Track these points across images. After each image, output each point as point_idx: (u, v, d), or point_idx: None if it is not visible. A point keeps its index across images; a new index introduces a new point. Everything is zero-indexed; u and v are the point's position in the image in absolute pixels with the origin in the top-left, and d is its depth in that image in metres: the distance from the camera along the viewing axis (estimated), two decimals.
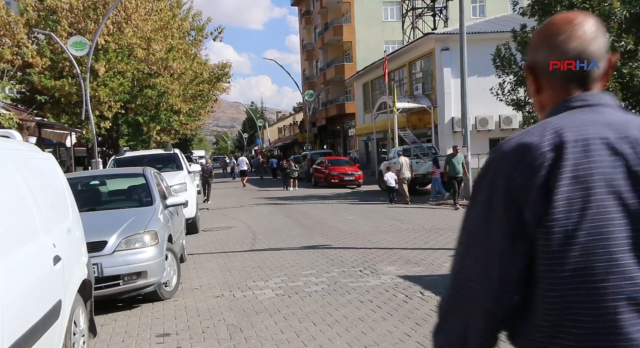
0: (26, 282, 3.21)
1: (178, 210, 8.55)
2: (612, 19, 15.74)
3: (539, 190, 1.13)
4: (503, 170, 1.18)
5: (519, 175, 1.15)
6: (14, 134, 4.21)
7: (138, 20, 21.66)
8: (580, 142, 1.16)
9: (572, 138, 1.16)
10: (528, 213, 1.14)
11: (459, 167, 15.69)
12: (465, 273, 1.23)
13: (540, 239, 1.13)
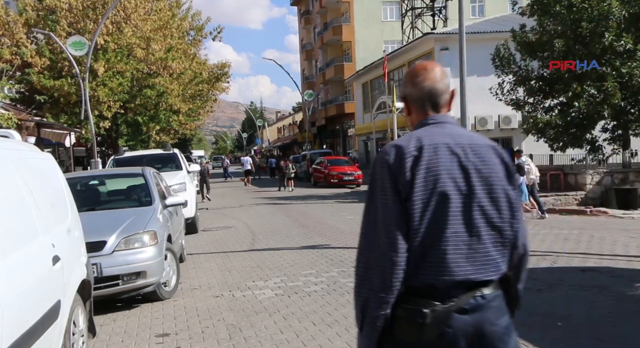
0: (25, 282, 3.21)
1: (177, 210, 8.55)
2: (611, 19, 15.74)
3: (407, 175, 1.79)
4: (387, 163, 1.82)
5: (396, 164, 1.81)
6: (13, 133, 4.20)
7: (137, 20, 21.64)
8: (432, 146, 1.83)
9: (427, 143, 1.83)
10: (402, 191, 1.79)
11: None
12: (376, 233, 1.82)
13: (408, 206, 1.78)
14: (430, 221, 1.78)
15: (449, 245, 1.79)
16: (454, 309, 1.78)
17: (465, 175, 1.82)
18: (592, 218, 13.25)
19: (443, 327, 1.77)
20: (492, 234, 1.84)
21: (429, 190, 1.79)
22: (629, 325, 4.91)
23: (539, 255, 8.27)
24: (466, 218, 1.81)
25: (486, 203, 1.83)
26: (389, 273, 1.79)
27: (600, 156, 18.27)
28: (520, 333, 4.80)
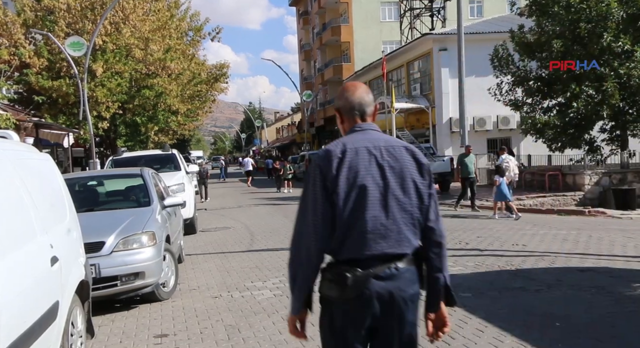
0: (24, 283, 3.21)
1: (176, 210, 8.54)
2: (609, 20, 15.77)
3: (333, 173, 2.22)
4: (319, 163, 2.26)
5: (325, 165, 2.24)
6: (11, 134, 4.20)
7: (136, 21, 21.62)
8: (354, 149, 2.27)
9: (350, 147, 2.26)
10: (328, 185, 2.22)
11: (472, 167, 15.05)
12: (306, 219, 2.26)
13: (334, 197, 2.21)
14: (352, 208, 2.23)
15: (368, 226, 2.23)
16: (372, 275, 2.23)
17: (381, 171, 2.28)
18: (590, 218, 13.27)
19: (362, 289, 2.22)
20: (404, 217, 2.28)
21: (350, 184, 2.24)
22: (627, 326, 4.92)
23: (537, 255, 8.28)
24: (383, 205, 2.26)
25: (399, 192, 2.28)
26: (315, 251, 2.25)
27: (598, 156, 18.30)
28: (518, 334, 4.82)
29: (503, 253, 8.55)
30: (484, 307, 5.60)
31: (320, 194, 2.24)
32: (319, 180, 2.25)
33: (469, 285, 6.59)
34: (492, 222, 12.42)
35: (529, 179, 19.81)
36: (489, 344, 4.55)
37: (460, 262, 7.97)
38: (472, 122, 26.38)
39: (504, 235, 10.40)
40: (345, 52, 48.27)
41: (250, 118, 78.76)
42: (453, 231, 11.12)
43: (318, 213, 2.23)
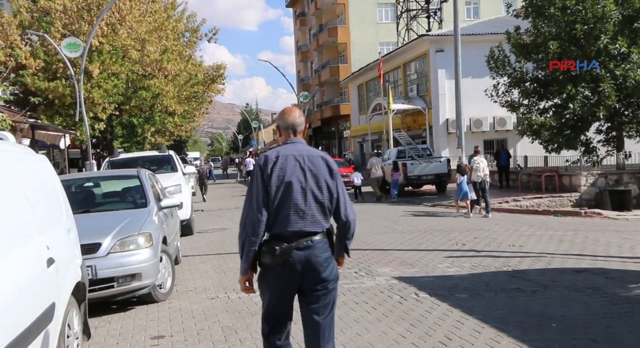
0: (19, 285, 3.20)
1: (173, 211, 8.53)
2: (606, 21, 15.82)
3: (268, 172, 3.09)
4: (259, 164, 3.13)
5: (263, 166, 3.11)
6: (7, 135, 4.19)
7: (132, 22, 21.57)
8: (284, 156, 3.12)
9: (282, 154, 3.11)
10: (265, 180, 3.09)
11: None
12: (252, 204, 3.11)
13: (269, 189, 3.07)
14: (280, 197, 3.12)
15: (290, 211, 3.12)
16: (294, 247, 3.12)
17: (303, 173, 3.17)
18: (586, 219, 13.31)
19: (287, 257, 3.11)
20: (317, 206, 3.19)
21: (280, 180, 3.13)
22: (623, 326, 4.94)
23: (534, 256, 8.30)
24: (303, 196, 3.14)
25: (314, 188, 3.18)
26: (257, 226, 3.10)
27: (594, 157, 18.35)
28: (515, 335, 4.84)
29: (500, 254, 8.57)
30: (481, 308, 5.62)
31: (260, 187, 3.15)
32: (259, 177, 3.17)
33: (465, 286, 6.60)
34: (489, 223, 12.44)
35: (526, 180, 19.85)
36: (486, 345, 4.56)
37: (457, 263, 7.98)
38: (468, 123, 26.42)
39: (500, 236, 10.42)
40: (342, 53, 48.31)
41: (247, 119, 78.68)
42: (450, 232, 11.14)
43: (260, 200, 3.13)
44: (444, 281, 6.91)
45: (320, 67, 51.07)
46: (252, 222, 3.11)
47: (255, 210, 3.11)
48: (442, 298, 6.07)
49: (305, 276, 3.17)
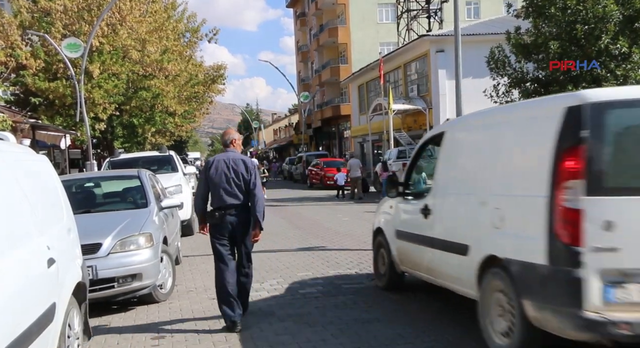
0: (19, 285, 3.20)
1: (173, 212, 8.53)
2: (607, 21, 15.81)
3: (207, 171, 5.42)
4: (205, 165, 5.54)
5: (205, 166, 5.53)
6: (8, 136, 4.19)
7: (132, 22, 21.57)
8: (218, 160, 5.43)
9: (217, 159, 5.45)
10: (206, 176, 5.43)
11: None
12: (199, 190, 5.56)
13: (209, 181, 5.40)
14: (216, 184, 5.30)
15: (222, 192, 5.28)
16: (226, 213, 5.28)
17: (229, 169, 5.28)
18: None
19: (222, 219, 5.29)
20: (238, 188, 5.28)
21: (215, 175, 5.31)
22: None
23: None
24: (228, 183, 5.27)
25: (235, 178, 5.27)
26: (198, 204, 5.53)
27: None
28: None
29: None
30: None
31: (204, 179, 5.45)
32: (203, 173, 5.47)
33: None
34: None
35: None
36: (486, 345, 4.56)
37: None
38: None
39: None
40: (342, 54, 48.30)
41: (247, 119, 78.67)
42: None
43: (201, 189, 5.49)
44: None
45: (321, 67, 51.06)
46: (196, 202, 5.60)
47: (201, 194, 5.50)
48: (442, 297, 6.06)
49: (234, 228, 5.36)
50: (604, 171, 3.61)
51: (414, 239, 5.77)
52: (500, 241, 4.23)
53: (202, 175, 5.56)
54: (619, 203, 3.57)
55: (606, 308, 3.49)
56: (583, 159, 3.58)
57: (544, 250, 3.72)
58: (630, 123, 3.75)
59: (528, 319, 3.85)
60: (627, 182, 3.66)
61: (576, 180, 3.59)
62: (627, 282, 3.51)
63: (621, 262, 3.53)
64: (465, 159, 5.15)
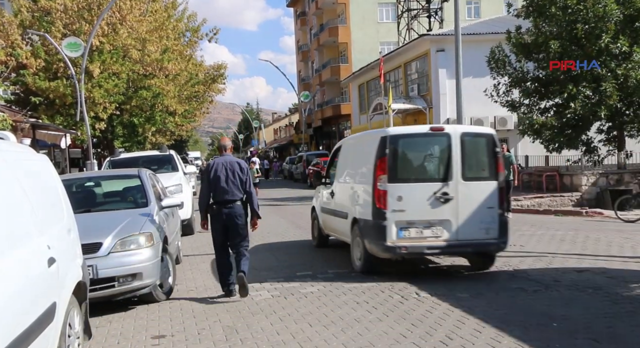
0: (20, 284, 3.20)
1: (174, 211, 8.53)
2: (607, 21, 15.80)
3: (209, 171, 6.53)
4: (207, 168, 6.69)
5: (206, 168, 6.71)
6: (8, 135, 4.19)
7: (133, 21, 21.55)
8: (217, 163, 6.54)
9: (216, 162, 6.57)
10: (207, 176, 6.54)
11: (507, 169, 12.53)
12: (202, 189, 6.63)
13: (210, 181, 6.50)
14: (215, 184, 6.40)
15: (220, 190, 6.39)
16: (223, 207, 6.40)
17: (226, 171, 6.41)
18: (587, 219, 13.30)
19: (220, 211, 6.42)
20: (235, 186, 6.41)
21: (214, 176, 6.41)
22: (624, 326, 4.93)
23: (535, 256, 8.29)
24: (226, 182, 6.37)
25: (232, 178, 6.40)
26: (202, 201, 6.58)
27: (595, 157, 18.32)
28: (516, 334, 4.83)
29: (501, 253, 8.56)
30: (482, 308, 5.61)
31: (206, 179, 6.50)
32: (206, 174, 6.56)
33: (466, 285, 6.60)
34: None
35: (527, 180, 19.82)
36: (487, 345, 4.56)
37: (459, 262, 7.97)
38: (469, 122, 26.38)
39: None
40: (342, 53, 48.28)
41: (247, 119, 78.67)
42: None
43: (206, 186, 6.51)
44: (445, 281, 6.90)
45: (321, 67, 51.04)
46: (202, 196, 6.57)
47: (205, 191, 6.55)
48: (443, 298, 6.06)
49: (228, 219, 6.41)
50: (395, 170, 6.99)
51: (328, 212, 9.09)
52: (357, 209, 7.60)
53: (203, 175, 6.67)
54: (403, 187, 6.94)
55: (397, 241, 6.88)
56: (386, 164, 6.93)
57: (371, 212, 7.07)
58: (406, 146, 7.21)
59: (367, 249, 7.26)
60: (407, 176, 7.11)
61: (383, 175, 6.93)
62: (408, 227, 6.92)
63: (406, 217, 6.90)
64: (348, 161, 8.54)
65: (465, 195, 6.97)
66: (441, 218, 6.93)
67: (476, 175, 7.15)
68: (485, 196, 7.03)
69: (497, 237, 6.97)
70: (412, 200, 6.89)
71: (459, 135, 7.10)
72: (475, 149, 7.27)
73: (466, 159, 7.08)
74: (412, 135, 7.46)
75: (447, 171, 7.04)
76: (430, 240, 6.92)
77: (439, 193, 6.91)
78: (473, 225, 6.96)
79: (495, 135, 7.49)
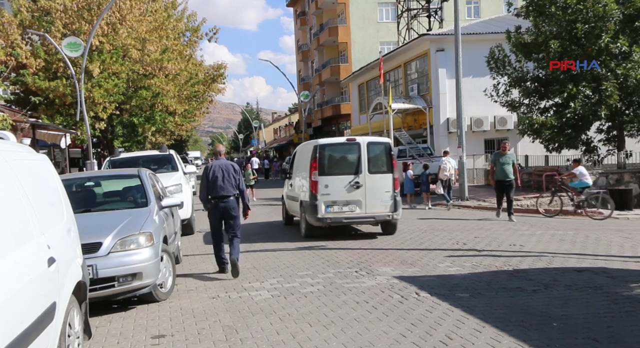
0: (20, 284, 3.19)
1: (173, 211, 8.53)
2: (607, 20, 15.81)
3: (207, 172, 7.86)
4: (206, 169, 7.96)
5: (206, 169, 7.95)
6: (8, 135, 4.19)
7: (133, 21, 21.54)
8: (214, 165, 7.90)
9: (214, 165, 7.93)
10: (206, 176, 7.88)
11: (509, 168, 12.63)
12: (202, 187, 7.92)
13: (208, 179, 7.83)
14: (212, 182, 7.74)
15: (217, 187, 7.73)
16: (219, 202, 7.73)
17: (222, 172, 7.76)
18: (587, 219, 13.30)
19: (217, 205, 7.75)
20: (230, 184, 7.76)
21: (212, 175, 7.76)
22: (624, 325, 4.93)
23: (535, 255, 8.30)
24: (222, 181, 7.73)
25: (227, 177, 7.75)
26: (203, 196, 7.90)
27: (595, 157, 18.33)
28: (515, 334, 4.83)
29: (500, 253, 8.57)
30: (482, 308, 5.61)
31: (205, 178, 7.80)
32: (204, 174, 7.84)
33: (466, 285, 6.60)
34: (489, 223, 12.43)
35: (526, 180, 19.83)
36: (487, 344, 4.56)
37: (458, 262, 7.98)
38: (469, 122, 26.40)
39: (501, 235, 10.42)
40: (342, 53, 48.29)
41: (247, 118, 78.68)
42: (450, 231, 11.13)
43: (206, 184, 7.79)
44: (445, 280, 6.90)
45: (321, 67, 51.04)
46: (202, 192, 7.84)
47: (205, 188, 7.78)
48: (443, 297, 6.07)
49: (223, 211, 7.71)
50: (323, 167, 10.36)
51: (290, 198, 12.47)
52: (302, 195, 11.02)
53: (204, 175, 7.91)
54: (329, 178, 10.30)
55: (325, 214, 10.27)
56: (317, 163, 10.31)
57: (309, 196, 10.42)
58: (330, 151, 10.58)
59: (307, 220, 10.61)
60: (331, 171, 10.39)
61: (315, 171, 10.29)
62: (333, 205, 10.31)
63: (331, 198, 10.28)
64: (299, 162, 11.79)
65: (370, 183, 10.42)
66: (354, 199, 10.40)
67: (377, 170, 10.50)
68: (384, 184, 10.49)
69: (392, 211, 10.44)
70: (334, 187, 10.36)
71: (366, 143, 10.55)
72: (377, 152, 10.59)
73: (370, 159, 10.46)
74: (334, 144, 10.90)
75: (358, 167, 10.44)
76: (347, 213, 10.42)
77: (353, 182, 10.37)
78: (376, 203, 10.42)
79: (391, 143, 11.07)
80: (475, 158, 25.12)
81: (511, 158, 12.79)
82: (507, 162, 12.67)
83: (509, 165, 12.64)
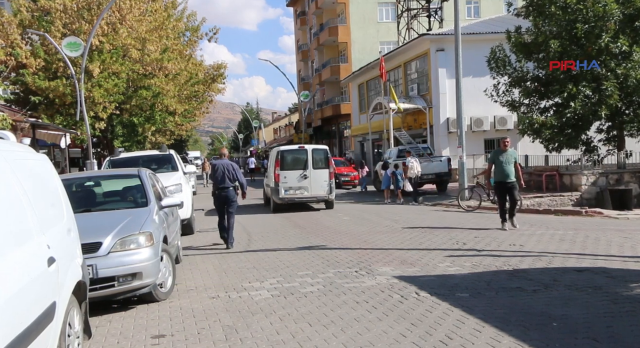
0: (20, 284, 3.19)
1: (173, 211, 8.53)
2: (607, 20, 15.81)
3: (214, 169, 10.37)
4: (213, 167, 10.53)
5: (213, 167, 10.55)
6: (8, 135, 4.19)
7: (132, 21, 21.54)
8: (218, 163, 10.41)
9: (219, 163, 10.42)
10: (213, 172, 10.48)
11: (510, 168, 10.88)
12: (211, 178, 10.91)
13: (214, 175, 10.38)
14: (218, 176, 10.23)
15: (221, 180, 10.23)
16: (222, 191, 10.26)
17: (224, 169, 10.24)
18: (587, 218, 13.30)
19: (220, 193, 10.29)
20: (229, 178, 10.22)
21: (217, 172, 10.25)
22: (624, 325, 4.93)
23: (535, 255, 8.30)
24: (224, 175, 10.20)
25: (227, 173, 10.21)
26: (214, 185, 10.38)
27: (595, 157, 18.34)
28: (515, 334, 4.83)
29: (500, 253, 8.57)
30: (482, 307, 5.61)
31: (213, 174, 10.38)
32: (212, 170, 10.48)
33: (466, 285, 6.60)
34: (490, 223, 12.43)
35: (526, 179, 19.82)
36: (487, 344, 4.56)
37: (458, 262, 7.98)
38: (469, 122, 26.41)
39: (501, 235, 10.42)
40: (342, 53, 48.29)
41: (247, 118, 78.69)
42: (450, 231, 11.13)
43: (213, 178, 10.37)
44: (445, 280, 6.90)
45: (321, 66, 51.04)
46: (214, 184, 10.32)
47: (215, 181, 10.25)
48: (443, 297, 6.07)
49: (225, 198, 10.18)
50: (283, 164, 16.25)
51: (266, 185, 18.09)
52: (271, 183, 16.80)
53: (212, 171, 10.45)
54: (287, 172, 16.17)
55: (284, 196, 16.16)
56: (279, 162, 16.23)
57: (273, 183, 16.34)
58: (288, 154, 16.59)
59: (273, 200, 16.58)
60: (288, 167, 16.24)
61: (277, 167, 16.18)
62: (289, 190, 16.23)
63: (288, 185, 16.14)
64: (270, 161, 17.49)
65: (314, 175, 16.05)
66: (303, 186, 16.04)
67: (319, 167, 16.14)
68: (323, 176, 16.09)
69: (328, 193, 16.18)
70: (290, 178, 15.99)
71: (311, 149, 16.38)
72: (319, 155, 16.32)
73: (314, 160, 16.11)
74: (290, 150, 16.79)
75: (305, 165, 16.12)
76: (298, 195, 16.11)
77: (302, 175, 16.01)
78: (318, 188, 16.10)
79: (327, 149, 16.79)
80: (475, 158, 25.13)
81: (513, 156, 11.00)
82: (508, 161, 10.92)
83: (510, 164, 10.89)
